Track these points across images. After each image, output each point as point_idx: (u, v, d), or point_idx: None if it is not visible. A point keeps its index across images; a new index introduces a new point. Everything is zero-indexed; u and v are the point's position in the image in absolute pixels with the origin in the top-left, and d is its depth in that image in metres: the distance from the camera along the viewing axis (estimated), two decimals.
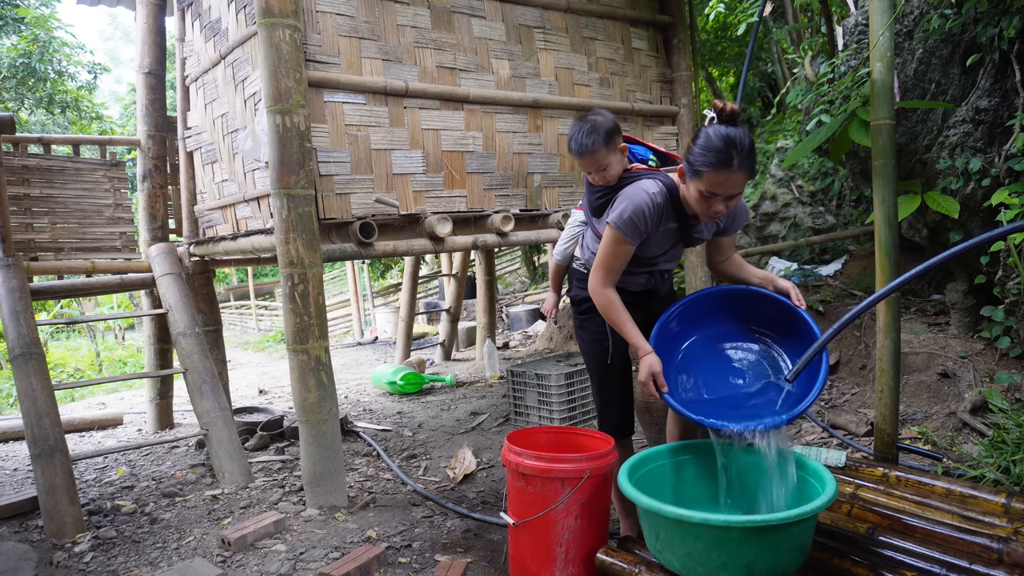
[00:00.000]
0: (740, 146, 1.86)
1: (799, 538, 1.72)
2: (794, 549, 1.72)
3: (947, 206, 3.57)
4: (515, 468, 2.18)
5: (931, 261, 1.82)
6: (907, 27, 4.01)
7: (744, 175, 1.90)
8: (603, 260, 2.13)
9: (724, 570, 1.70)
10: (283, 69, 2.85)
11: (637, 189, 2.08)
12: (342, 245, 3.17)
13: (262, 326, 16.58)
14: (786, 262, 6.35)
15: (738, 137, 1.87)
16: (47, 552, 2.77)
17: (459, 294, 7.24)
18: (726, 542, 1.67)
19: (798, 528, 1.68)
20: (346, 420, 4.47)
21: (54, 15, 10.19)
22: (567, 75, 4.02)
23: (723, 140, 1.87)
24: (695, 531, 1.69)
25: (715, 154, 1.87)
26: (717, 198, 1.94)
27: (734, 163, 1.86)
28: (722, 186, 1.90)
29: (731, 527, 1.64)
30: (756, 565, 1.68)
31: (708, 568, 1.72)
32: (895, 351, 2.98)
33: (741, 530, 1.64)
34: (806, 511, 1.64)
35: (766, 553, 1.67)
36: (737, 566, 1.69)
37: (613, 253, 2.11)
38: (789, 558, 1.72)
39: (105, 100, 17.28)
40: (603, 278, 2.14)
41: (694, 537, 1.70)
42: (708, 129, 1.91)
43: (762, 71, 10.91)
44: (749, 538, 1.66)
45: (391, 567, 2.47)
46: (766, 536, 1.66)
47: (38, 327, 3.55)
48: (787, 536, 1.68)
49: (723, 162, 1.87)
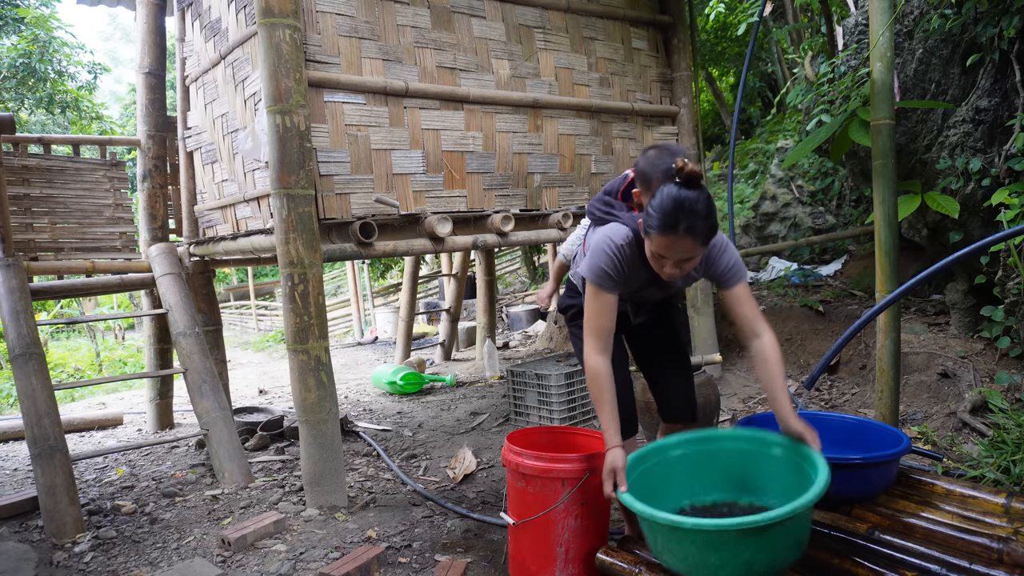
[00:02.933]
0: (689, 212, 1.78)
1: (796, 533, 1.72)
2: (791, 544, 1.72)
3: (947, 206, 3.57)
4: (515, 468, 2.18)
5: (945, 261, 1.82)
6: (907, 27, 4.01)
7: (692, 241, 1.81)
8: (589, 320, 2.05)
9: (722, 570, 1.70)
10: (283, 69, 2.85)
11: (604, 239, 2.03)
12: (342, 245, 3.17)
13: (262, 326, 16.58)
14: (786, 262, 6.35)
15: (689, 201, 1.78)
16: (47, 552, 2.77)
17: (459, 294, 7.24)
18: (720, 545, 1.67)
19: (793, 524, 1.67)
20: (346, 420, 4.47)
21: (54, 15, 10.19)
22: (567, 75, 4.02)
23: (673, 203, 1.79)
24: (690, 536, 1.69)
25: (661, 217, 1.81)
26: (667, 260, 1.88)
27: (680, 228, 1.79)
28: (669, 250, 1.84)
29: (724, 531, 1.64)
30: (754, 563, 1.68)
31: (707, 569, 1.72)
32: (895, 351, 2.99)
33: (735, 532, 1.64)
34: (798, 506, 1.64)
35: (763, 551, 1.67)
36: (735, 566, 1.69)
37: (596, 309, 2.04)
38: (787, 553, 1.72)
39: (105, 100, 17.28)
40: (594, 344, 2.04)
41: (689, 541, 1.70)
42: (664, 189, 1.84)
43: (762, 71, 10.91)
44: (743, 539, 1.65)
45: (391, 567, 2.47)
46: (760, 535, 1.65)
47: (38, 327, 3.55)
48: (782, 532, 1.67)
49: (668, 226, 1.80)
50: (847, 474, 2.02)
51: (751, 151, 8.56)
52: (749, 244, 6.81)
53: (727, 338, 5.26)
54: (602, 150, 4.20)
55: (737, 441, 2.08)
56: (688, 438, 2.12)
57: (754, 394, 4.49)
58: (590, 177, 4.14)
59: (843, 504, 2.08)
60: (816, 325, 4.99)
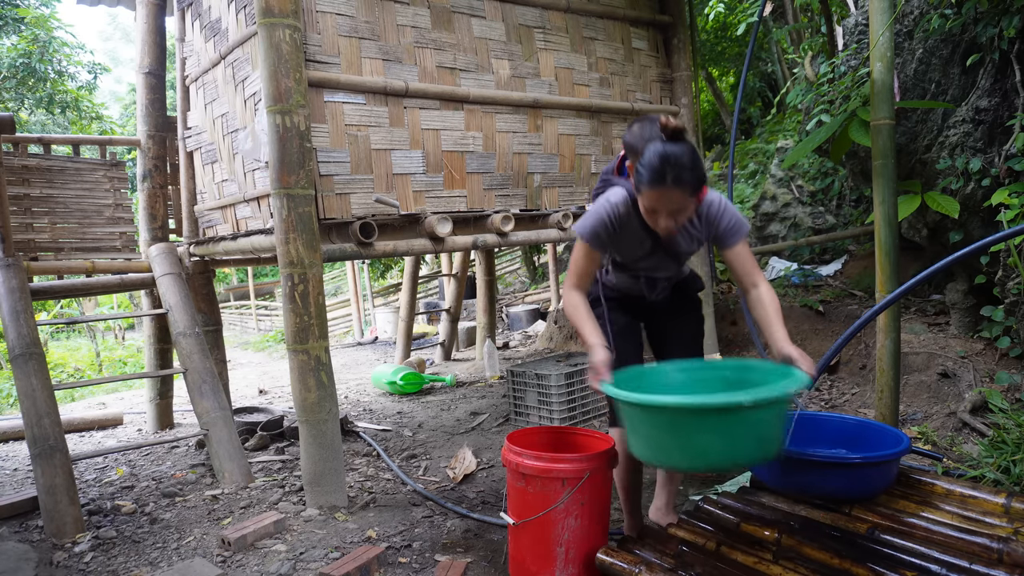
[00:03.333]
0: (675, 163, 1.89)
1: (757, 427, 1.73)
2: (752, 439, 1.74)
3: (947, 206, 3.57)
4: (515, 468, 2.18)
5: (945, 261, 1.83)
6: (907, 27, 4.01)
7: (680, 192, 1.92)
8: (572, 265, 2.23)
9: (680, 452, 1.77)
10: (283, 69, 2.85)
11: (602, 199, 2.17)
12: (342, 245, 3.17)
13: (262, 326, 16.58)
14: (786, 262, 6.35)
15: (674, 154, 1.90)
16: (47, 552, 2.77)
17: (459, 294, 7.24)
18: (676, 425, 1.74)
19: (752, 416, 1.70)
20: (346, 420, 4.47)
21: (54, 15, 10.19)
22: (567, 75, 4.02)
23: (659, 157, 1.90)
24: (650, 414, 1.77)
25: (649, 171, 1.92)
26: (659, 213, 1.98)
27: (667, 180, 1.90)
28: (659, 202, 1.95)
29: (678, 408, 1.72)
30: (710, 449, 1.73)
31: (667, 452, 1.80)
32: (895, 351, 2.99)
33: (689, 410, 1.71)
34: (755, 396, 1.67)
35: (720, 438, 1.71)
36: (692, 449, 1.74)
37: (579, 257, 2.20)
38: (747, 447, 1.75)
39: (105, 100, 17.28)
40: (571, 282, 2.22)
41: (651, 423, 1.79)
42: (651, 146, 1.95)
43: (762, 71, 10.91)
44: (698, 420, 1.71)
45: (391, 567, 2.47)
46: (715, 419, 1.70)
47: (38, 327, 3.55)
48: (739, 423, 1.70)
49: (657, 179, 1.91)
50: (847, 474, 2.03)
51: (751, 151, 8.56)
52: (749, 244, 6.81)
53: (727, 338, 5.26)
54: (602, 150, 4.20)
55: (727, 369, 2.18)
56: (683, 365, 2.22)
57: None
58: (590, 177, 4.14)
59: (843, 504, 2.08)
60: (816, 325, 4.99)
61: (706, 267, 4.69)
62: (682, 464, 1.89)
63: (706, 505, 2.26)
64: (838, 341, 1.99)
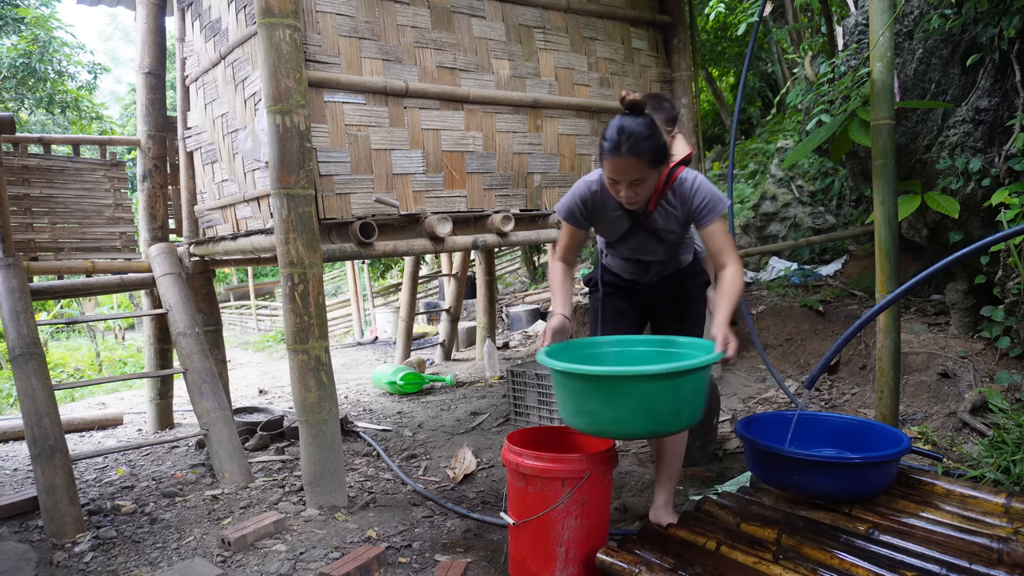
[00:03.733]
0: (628, 133, 1.99)
1: (639, 399, 1.85)
2: (641, 412, 1.86)
3: (947, 206, 3.57)
4: (515, 468, 2.18)
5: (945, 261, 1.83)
6: (907, 27, 4.01)
7: (634, 160, 2.00)
8: (558, 240, 2.42)
9: (575, 415, 1.96)
10: (283, 69, 2.85)
11: (580, 181, 2.31)
12: (342, 245, 3.17)
13: (262, 326, 16.58)
14: (786, 262, 6.35)
15: (628, 125, 2.00)
16: (47, 552, 2.77)
17: (459, 294, 7.23)
18: (570, 391, 1.93)
19: (631, 387, 1.83)
20: (346, 420, 4.47)
21: (54, 15, 10.19)
22: (567, 75, 4.02)
23: (614, 128, 2.02)
24: (559, 379, 1.95)
25: (607, 142, 2.04)
26: (619, 184, 2.08)
27: (622, 149, 2.00)
28: (615, 171, 2.05)
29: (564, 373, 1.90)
30: (599, 415, 1.89)
31: (567, 414, 1.99)
32: (895, 351, 2.99)
33: (576, 377, 1.89)
34: (634, 370, 1.83)
35: (604, 407, 1.87)
36: (583, 413, 1.92)
37: (562, 235, 2.39)
38: (631, 417, 1.87)
39: (105, 100, 17.28)
40: (555, 254, 2.40)
41: (557, 387, 1.99)
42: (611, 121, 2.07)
43: (762, 71, 10.91)
44: (585, 387, 1.89)
45: (391, 567, 2.47)
46: (595, 387, 1.87)
47: (38, 327, 3.55)
48: (620, 393, 1.85)
49: (613, 149, 2.02)
50: (847, 474, 2.03)
51: (751, 151, 8.56)
52: (749, 244, 6.81)
53: None
54: None
55: (650, 344, 2.30)
56: (615, 340, 2.35)
57: (754, 394, 4.49)
58: None
59: (843, 504, 2.08)
60: (816, 325, 4.99)
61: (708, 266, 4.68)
62: (580, 427, 2.01)
63: (706, 505, 2.26)
64: (838, 341, 2.00)
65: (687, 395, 1.90)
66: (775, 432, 2.35)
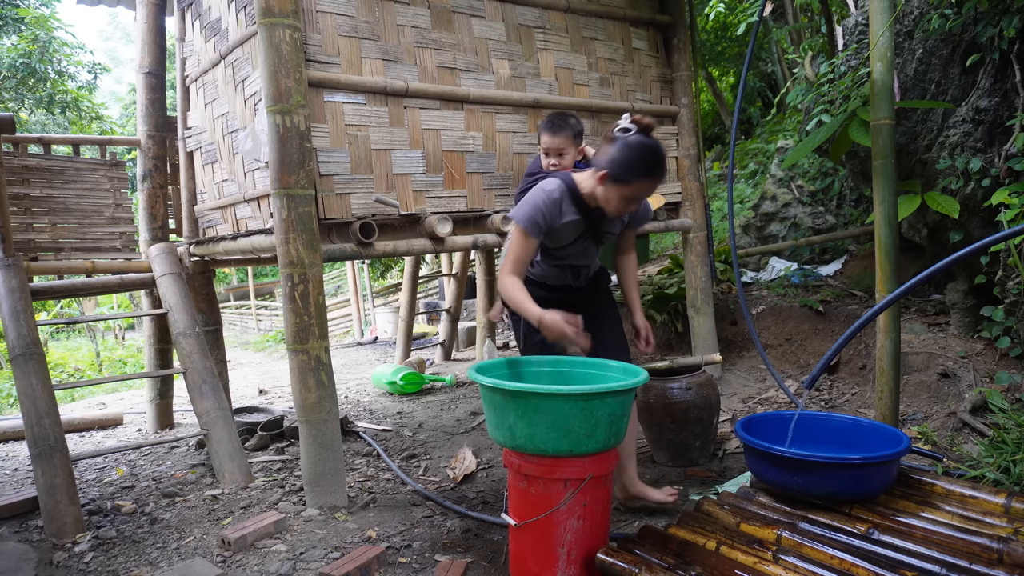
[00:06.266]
0: (664, 158, 2.19)
1: (553, 417, 1.95)
2: (554, 429, 1.96)
3: (947, 206, 3.57)
4: (517, 469, 2.18)
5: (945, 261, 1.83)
6: (907, 27, 4.01)
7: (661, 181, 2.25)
8: (509, 253, 2.38)
9: (497, 431, 2.09)
10: (283, 69, 2.85)
11: (537, 188, 2.34)
12: (342, 245, 3.17)
13: (262, 326, 16.59)
14: (786, 262, 6.35)
15: (660, 150, 2.17)
16: (47, 552, 2.77)
17: (459, 294, 7.23)
18: (494, 405, 2.05)
19: (545, 404, 1.94)
20: (346, 420, 4.47)
21: (54, 15, 10.20)
22: (567, 75, 4.02)
23: (652, 152, 2.15)
24: (484, 394, 2.08)
25: (646, 165, 2.15)
26: (637, 201, 2.25)
27: (660, 173, 2.19)
28: (646, 191, 2.21)
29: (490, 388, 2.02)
30: (516, 430, 2.01)
31: (492, 427, 2.11)
32: (895, 351, 2.99)
33: (501, 393, 1.99)
34: (546, 389, 1.94)
35: (522, 421, 1.98)
36: (503, 427, 2.05)
37: (517, 246, 2.35)
38: (546, 434, 1.98)
39: (105, 100, 17.28)
40: (508, 268, 2.36)
41: (486, 401, 2.10)
42: (630, 141, 2.15)
43: (762, 71, 10.91)
44: (509, 402, 1.99)
45: (391, 567, 2.47)
46: (512, 403, 1.98)
47: (38, 327, 3.55)
48: (534, 410, 1.96)
49: (652, 173, 2.17)
50: (847, 474, 2.03)
51: (751, 151, 8.56)
52: (749, 244, 6.81)
53: (727, 338, 5.26)
54: None
55: (585, 367, 2.40)
56: (550, 360, 2.45)
57: (754, 394, 4.49)
58: None
59: (843, 504, 2.08)
60: (816, 325, 4.99)
61: (706, 267, 4.69)
62: (501, 441, 2.12)
63: (706, 505, 2.26)
64: (838, 341, 2.01)
65: (602, 417, 2.00)
66: (775, 432, 2.35)
